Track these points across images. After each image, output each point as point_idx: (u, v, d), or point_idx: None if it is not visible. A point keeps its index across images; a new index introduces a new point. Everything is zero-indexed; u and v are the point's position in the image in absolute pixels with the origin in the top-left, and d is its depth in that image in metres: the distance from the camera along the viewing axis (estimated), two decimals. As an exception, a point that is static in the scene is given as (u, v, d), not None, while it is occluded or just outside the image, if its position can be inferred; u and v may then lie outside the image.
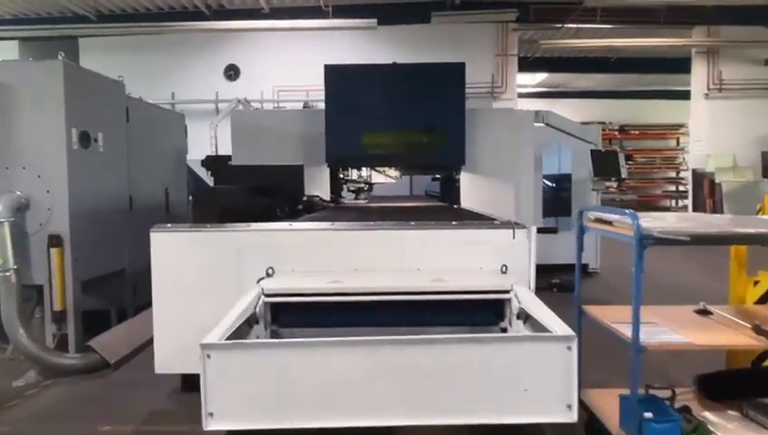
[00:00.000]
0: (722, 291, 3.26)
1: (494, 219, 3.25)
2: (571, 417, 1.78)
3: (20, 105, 3.79)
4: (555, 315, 2.10)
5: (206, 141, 11.02)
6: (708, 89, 12.62)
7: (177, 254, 2.99)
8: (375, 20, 10.27)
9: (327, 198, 5.66)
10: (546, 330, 2.00)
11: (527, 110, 6.16)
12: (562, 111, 8.14)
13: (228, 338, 1.92)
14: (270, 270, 2.79)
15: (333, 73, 5.38)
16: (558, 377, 1.78)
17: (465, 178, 5.83)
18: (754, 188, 11.72)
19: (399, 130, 5.40)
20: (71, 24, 11.77)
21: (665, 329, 2.14)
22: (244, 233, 3.00)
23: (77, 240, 3.90)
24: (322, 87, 5.34)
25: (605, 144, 14.33)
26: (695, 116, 12.99)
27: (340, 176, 6.05)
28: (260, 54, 12.40)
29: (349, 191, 6.63)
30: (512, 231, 3.00)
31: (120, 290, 4.57)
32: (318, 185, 5.69)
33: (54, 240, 3.76)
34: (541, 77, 19.53)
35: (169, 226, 3.05)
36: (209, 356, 1.76)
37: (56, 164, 3.81)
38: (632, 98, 21.24)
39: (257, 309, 2.43)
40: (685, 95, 19.73)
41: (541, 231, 2.64)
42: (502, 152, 5.82)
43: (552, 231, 2.72)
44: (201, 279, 2.95)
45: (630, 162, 19.09)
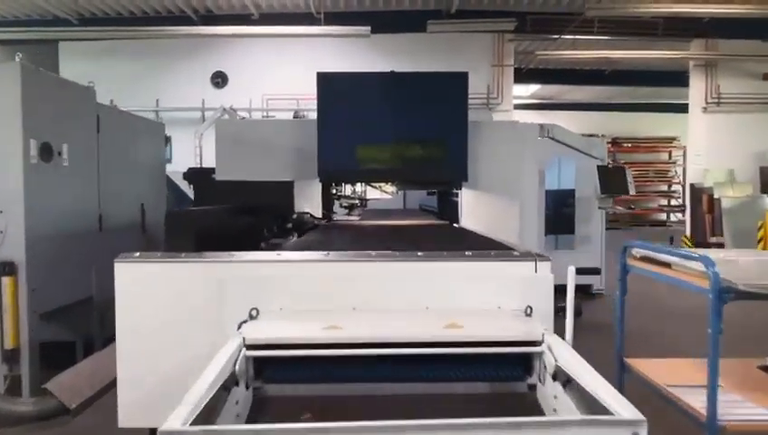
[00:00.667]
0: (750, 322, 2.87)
1: (511, 248, 2.86)
2: None
3: (-31, 113, 3.34)
4: (605, 381, 1.69)
5: (191, 151, 10.60)
6: (707, 102, 12.42)
7: (146, 288, 2.56)
8: (368, 28, 9.94)
9: (318, 215, 5.30)
10: (597, 403, 1.59)
11: (531, 123, 5.82)
12: (555, 123, 7.85)
13: (197, 419, 1.49)
14: (254, 311, 2.36)
15: (326, 82, 4.98)
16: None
17: (466, 194, 5.48)
18: (753, 204, 11.52)
19: (397, 143, 5.01)
20: (50, 27, 11.27)
21: (738, 398, 1.75)
22: (225, 264, 2.57)
23: (34, 267, 3.44)
24: (314, 96, 4.95)
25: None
26: (693, 130, 12.79)
27: (333, 191, 5.64)
28: (249, 61, 11.99)
29: (341, 207, 6.27)
30: (533, 263, 2.62)
31: (87, 319, 4.09)
32: (309, 200, 5.31)
33: (6, 268, 3.30)
34: (533, 88, 19.38)
35: (137, 255, 2.61)
36: (170, 449, 1.33)
37: (11, 180, 3.36)
38: (625, 110, 21.19)
39: (237, 366, 1.99)
40: (677, 108, 19.70)
41: (583, 272, 2.25)
42: (505, 168, 5.49)
43: (596, 272, 2.30)
44: (173, 319, 2.51)
45: (624, 175, 18.86)
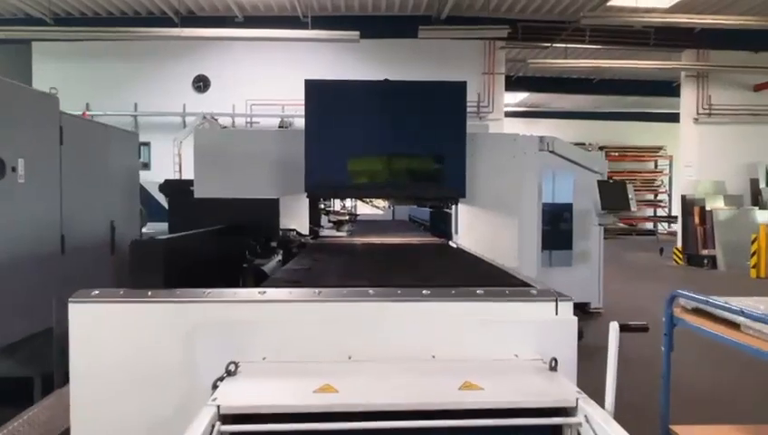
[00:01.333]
0: None
1: (525, 284, 2.53)
2: None
3: None
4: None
5: (171, 159, 10.17)
6: (698, 113, 12.33)
7: (105, 333, 2.18)
8: (357, 32, 9.62)
9: (305, 231, 4.94)
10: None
11: (531, 135, 5.53)
12: (541, 131, 7.62)
13: None
14: (232, 366, 1.99)
15: (315, 90, 4.61)
16: None
17: (462, 209, 5.17)
18: (746, 216, 11.42)
19: (391, 156, 4.67)
20: (22, 27, 10.74)
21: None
22: (198, 305, 2.21)
23: (-19, 298, 3.03)
24: (299, 102, 4.61)
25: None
26: (684, 141, 12.69)
27: (321, 206, 5.29)
28: (232, 66, 11.59)
29: (329, 222, 5.91)
30: (554, 304, 2.30)
31: (46, 353, 3.66)
32: (295, 216, 4.94)
33: (-53, 300, 2.89)
34: (521, 96, 19.24)
35: (95, 293, 2.23)
36: None
37: (-45, 200, 2.96)
38: (612, 119, 21.19)
39: (209, 445, 1.63)
40: (664, 118, 19.74)
41: (627, 329, 1.93)
42: (503, 182, 5.19)
43: (643, 329, 1.96)
44: (137, 371, 2.13)
45: (610, 184, 18.86)
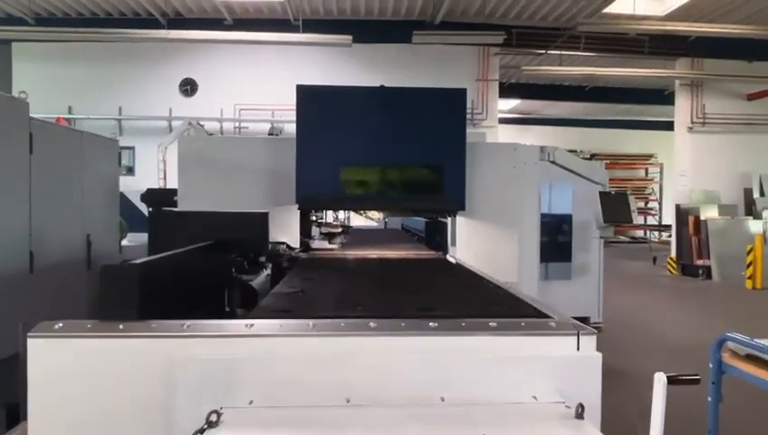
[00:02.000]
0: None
1: (541, 313, 2.29)
2: None
3: None
4: None
5: (156, 165, 9.84)
6: (692, 122, 12.26)
7: (69, 373, 1.91)
8: (350, 37, 9.39)
9: (295, 244, 4.68)
10: None
11: (532, 145, 5.34)
12: (533, 139, 7.46)
13: None
14: (213, 416, 1.72)
15: (308, 96, 4.38)
16: None
17: (460, 221, 4.95)
18: (741, 226, 11.34)
19: (387, 166, 4.47)
20: (2, 26, 10.36)
21: None
22: (176, 341, 1.94)
23: (-64, 324, 2.73)
24: (289, 107, 4.38)
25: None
26: (678, 150, 12.62)
27: (313, 218, 5.03)
28: (220, 69, 11.30)
29: (321, 234, 5.64)
30: (575, 339, 2.07)
31: (12, 381, 3.36)
32: (286, 227, 4.69)
33: None
34: (513, 103, 19.15)
35: (58, 326, 1.95)
36: None
37: None
38: (603, 127, 21.18)
39: None
40: (655, 126, 19.75)
41: (677, 382, 1.69)
42: (503, 193, 5.00)
43: (695, 382, 1.70)
44: (104, 418, 1.87)
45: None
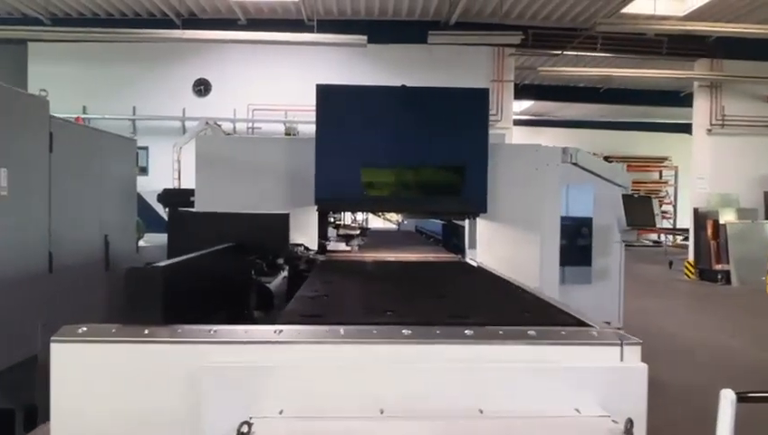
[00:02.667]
0: None
1: (581, 322, 2.19)
2: None
3: None
4: None
5: (170, 165, 9.83)
6: (711, 124, 12.06)
7: (93, 378, 1.84)
8: (365, 37, 9.34)
9: (313, 245, 4.62)
10: None
11: (554, 147, 5.22)
12: (546, 140, 7.32)
13: None
14: (245, 427, 1.65)
15: (328, 96, 4.29)
16: None
17: (481, 224, 4.85)
18: (759, 230, 11.13)
19: (407, 167, 4.38)
20: (18, 26, 10.43)
21: None
22: (204, 346, 1.86)
23: (-42, 324, 2.68)
24: (303, 107, 4.34)
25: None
26: (696, 152, 12.42)
27: (331, 220, 4.96)
28: (234, 69, 11.28)
29: (338, 236, 5.57)
30: (619, 349, 1.96)
31: (30, 383, 3.31)
32: (304, 229, 4.62)
33: None
34: (526, 104, 19.01)
35: (82, 330, 1.89)
36: None
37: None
38: (616, 129, 20.98)
39: None
40: (670, 128, 19.51)
41: (747, 400, 1.60)
42: (524, 195, 4.89)
43: (764, 400, 1.60)
44: (128, 426, 1.80)
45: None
